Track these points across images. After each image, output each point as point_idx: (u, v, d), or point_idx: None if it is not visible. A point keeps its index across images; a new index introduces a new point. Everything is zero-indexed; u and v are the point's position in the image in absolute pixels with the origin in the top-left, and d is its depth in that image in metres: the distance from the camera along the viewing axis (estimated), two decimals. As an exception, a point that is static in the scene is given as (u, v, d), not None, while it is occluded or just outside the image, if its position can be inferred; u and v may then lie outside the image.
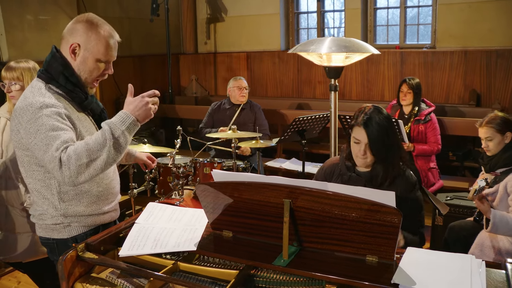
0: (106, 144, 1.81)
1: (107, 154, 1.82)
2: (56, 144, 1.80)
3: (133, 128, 1.88)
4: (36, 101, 1.86)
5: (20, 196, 2.72)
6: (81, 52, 1.94)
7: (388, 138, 2.16)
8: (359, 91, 6.11)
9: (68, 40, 1.95)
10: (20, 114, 1.88)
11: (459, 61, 5.40)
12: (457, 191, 4.07)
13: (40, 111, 1.84)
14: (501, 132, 2.92)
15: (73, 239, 2.04)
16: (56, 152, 1.78)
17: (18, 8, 5.20)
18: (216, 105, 4.92)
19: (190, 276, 1.73)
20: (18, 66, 2.69)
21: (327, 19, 6.80)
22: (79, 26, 1.93)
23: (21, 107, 1.89)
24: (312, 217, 1.68)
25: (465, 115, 5.14)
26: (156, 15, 6.27)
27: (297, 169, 4.53)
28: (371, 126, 2.14)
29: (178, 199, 3.30)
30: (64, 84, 1.94)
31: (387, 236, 1.59)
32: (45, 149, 1.81)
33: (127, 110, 1.89)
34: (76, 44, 1.93)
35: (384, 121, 2.17)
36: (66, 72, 1.94)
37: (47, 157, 1.80)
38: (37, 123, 1.83)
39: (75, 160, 1.77)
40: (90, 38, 1.93)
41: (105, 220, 2.15)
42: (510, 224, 2.56)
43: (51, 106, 1.87)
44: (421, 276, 1.51)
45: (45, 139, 1.81)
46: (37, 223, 2.11)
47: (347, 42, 2.61)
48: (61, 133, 1.83)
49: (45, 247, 2.18)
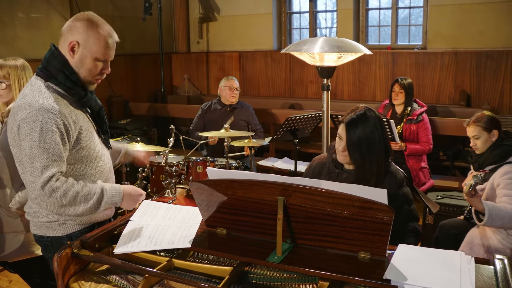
0: (89, 203, 1.91)
1: (84, 209, 1.91)
2: (49, 160, 1.84)
3: (110, 205, 2.01)
4: (35, 101, 1.87)
5: (6, 196, 2.69)
6: (80, 50, 1.94)
7: (367, 149, 2.15)
8: (351, 91, 6.15)
9: (67, 37, 1.94)
10: (17, 112, 1.89)
11: (450, 62, 5.46)
12: (448, 190, 4.12)
13: (38, 114, 1.84)
14: (488, 130, 2.96)
15: (68, 237, 2.04)
16: (45, 172, 1.82)
17: (9, 5, 5.17)
18: (206, 106, 4.90)
19: (185, 273, 1.74)
20: (5, 64, 2.62)
21: (319, 19, 6.84)
22: (79, 24, 1.93)
23: (19, 105, 1.89)
24: (306, 214, 1.70)
25: (455, 115, 5.20)
26: (149, 14, 6.26)
27: (289, 168, 4.55)
28: (353, 130, 2.15)
29: (171, 197, 3.30)
30: (63, 81, 1.94)
31: (379, 232, 1.61)
32: (30, 159, 1.83)
33: (125, 196, 2.02)
34: (75, 42, 1.93)
35: (367, 131, 2.15)
36: (65, 69, 1.94)
37: (30, 169, 1.83)
38: (32, 125, 1.83)
39: (60, 195, 1.84)
40: (90, 37, 1.93)
41: (100, 218, 2.15)
42: (502, 212, 2.58)
43: (50, 110, 1.86)
44: (412, 272, 1.54)
45: (35, 148, 1.83)
46: (32, 221, 2.10)
47: (340, 42, 2.63)
48: (52, 154, 1.85)
49: (39, 244, 2.19)
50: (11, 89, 2.62)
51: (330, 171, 2.32)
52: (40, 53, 5.44)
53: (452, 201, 3.67)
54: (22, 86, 2.61)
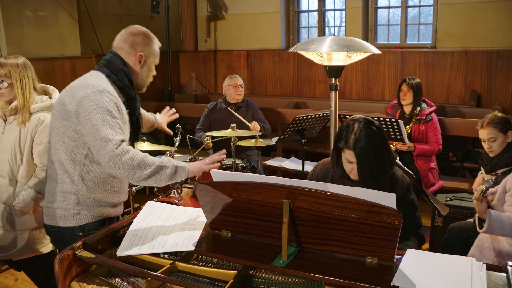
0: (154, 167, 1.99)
1: (151, 172, 1.98)
2: (115, 131, 1.97)
3: (179, 177, 2.07)
4: (98, 84, 2.06)
5: (10, 194, 2.68)
6: (145, 60, 2.23)
7: (377, 160, 2.11)
8: (359, 91, 6.09)
9: (130, 51, 2.20)
10: (77, 90, 2.06)
11: (460, 61, 5.39)
12: (457, 191, 4.05)
13: (101, 94, 2.02)
14: (504, 131, 2.91)
15: (81, 228, 2.10)
16: (114, 137, 1.95)
17: (18, 4, 5.18)
18: (212, 105, 4.90)
19: (188, 276, 1.72)
20: (6, 63, 2.60)
21: (327, 18, 6.79)
22: (139, 39, 2.21)
23: (80, 85, 2.09)
24: (312, 217, 1.67)
25: (465, 116, 5.13)
26: (156, 12, 6.25)
27: (297, 168, 4.51)
28: (359, 149, 2.08)
29: (177, 197, 3.28)
30: (121, 79, 2.15)
31: (387, 237, 1.58)
32: (100, 127, 1.96)
33: (190, 169, 2.09)
34: (141, 54, 2.21)
35: (374, 148, 2.10)
36: (125, 69, 2.17)
37: (101, 134, 1.94)
38: (97, 103, 1.99)
39: (130, 156, 1.94)
40: (150, 49, 2.24)
41: (112, 213, 2.21)
42: (505, 223, 2.54)
43: (111, 94, 2.06)
44: (421, 279, 1.50)
45: (102, 120, 1.97)
46: (46, 211, 2.17)
47: (348, 42, 2.59)
48: (117, 125, 2.01)
49: (49, 235, 2.25)
50: (13, 88, 2.61)
51: (334, 179, 2.27)
52: (47, 51, 5.50)
53: (462, 203, 3.61)
54: (24, 85, 2.61)
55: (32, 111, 2.63)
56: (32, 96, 2.64)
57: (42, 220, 2.22)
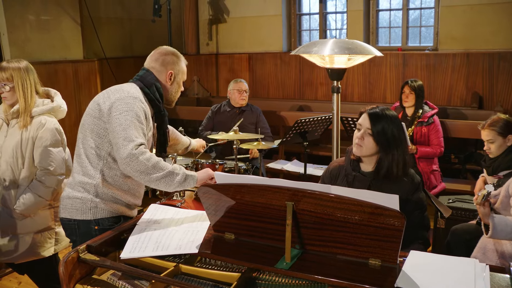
0: (166, 171, 2.07)
1: (163, 175, 2.07)
2: (138, 134, 2.09)
3: (188, 185, 2.15)
4: (133, 92, 2.22)
5: (12, 197, 2.69)
6: (175, 77, 2.41)
7: (392, 130, 2.18)
8: (361, 93, 6.10)
9: (161, 69, 2.37)
10: (113, 92, 2.21)
11: (461, 63, 5.39)
12: (459, 193, 4.04)
13: (134, 99, 2.17)
14: (503, 135, 2.90)
15: (96, 222, 2.16)
16: (137, 139, 2.06)
17: (21, 8, 5.19)
18: (216, 108, 4.91)
19: (192, 279, 1.72)
20: (9, 66, 2.62)
21: (329, 20, 6.80)
22: (169, 58, 2.39)
23: (116, 89, 2.24)
24: (315, 219, 1.67)
25: (467, 118, 5.13)
26: (158, 16, 6.26)
27: (299, 170, 4.52)
28: (376, 115, 2.19)
29: (180, 200, 3.28)
30: (153, 93, 2.30)
31: (390, 239, 1.58)
32: (126, 127, 2.08)
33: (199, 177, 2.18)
34: (172, 72, 2.38)
35: (392, 116, 2.21)
36: (157, 84, 2.34)
37: (125, 134, 2.06)
38: (129, 106, 2.14)
39: (147, 158, 2.04)
40: (179, 67, 2.42)
41: (127, 213, 2.27)
42: (509, 226, 2.54)
43: (143, 102, 2.22)
44: (424, 280, 1.50)
45: (130, 122, 2.09)
46: (63, 204, 2.22)
47: (350, 44, 2.59)
48: (141, 130, 2.13)
49: (65, 229, 2.30)
50: (15, 91, 2.62)
51: (347, 173, 2.30)
52: (50, 55, 5.52)
53: (464, 205, 3.61)
54: (26, 88, 2.62)
55: (34, 115, 2.64)
56: (34, 100, 2.65)
57: (59, 214, 2.28)
